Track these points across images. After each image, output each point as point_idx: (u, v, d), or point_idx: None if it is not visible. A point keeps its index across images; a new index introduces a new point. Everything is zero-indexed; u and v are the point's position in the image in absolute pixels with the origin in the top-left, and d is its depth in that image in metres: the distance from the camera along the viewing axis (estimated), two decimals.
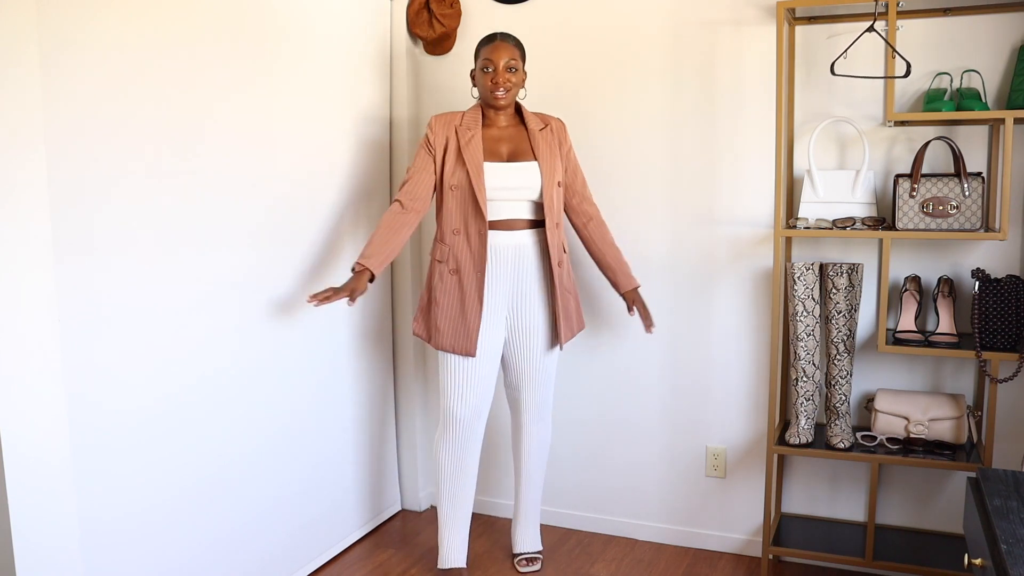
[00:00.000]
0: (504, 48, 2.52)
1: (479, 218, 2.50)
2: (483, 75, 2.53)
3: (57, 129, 1.90)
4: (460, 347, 2.55)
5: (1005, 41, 2.51)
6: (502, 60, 2.51)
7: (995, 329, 2.43)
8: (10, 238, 1.78)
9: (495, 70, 2.51)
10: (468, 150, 2.51)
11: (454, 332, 2.54)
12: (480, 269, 2.52)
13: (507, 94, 2.53)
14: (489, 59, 2.52)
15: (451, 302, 2.55)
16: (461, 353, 2.55)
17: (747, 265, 2.84)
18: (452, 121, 2.56)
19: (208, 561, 2.38)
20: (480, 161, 2.50)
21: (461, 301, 2.54)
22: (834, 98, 2.69)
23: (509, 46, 2.53)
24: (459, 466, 2.67)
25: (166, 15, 2.16)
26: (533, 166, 2.55)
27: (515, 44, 2.56)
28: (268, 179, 2.54)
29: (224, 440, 2.42)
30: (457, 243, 2.53)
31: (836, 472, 2.84)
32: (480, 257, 2.51)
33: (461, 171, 2.51)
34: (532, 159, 2.56)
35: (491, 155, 2.55)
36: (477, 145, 2.52)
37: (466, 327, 2.53)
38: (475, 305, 2.52)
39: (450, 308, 2.55)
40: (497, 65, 2.51)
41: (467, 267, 2.52)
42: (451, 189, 2.52)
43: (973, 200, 2.43)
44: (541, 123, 2.62)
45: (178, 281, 2.24)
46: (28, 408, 1.84)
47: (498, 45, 2.52)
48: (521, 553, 2.86)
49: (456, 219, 2.53)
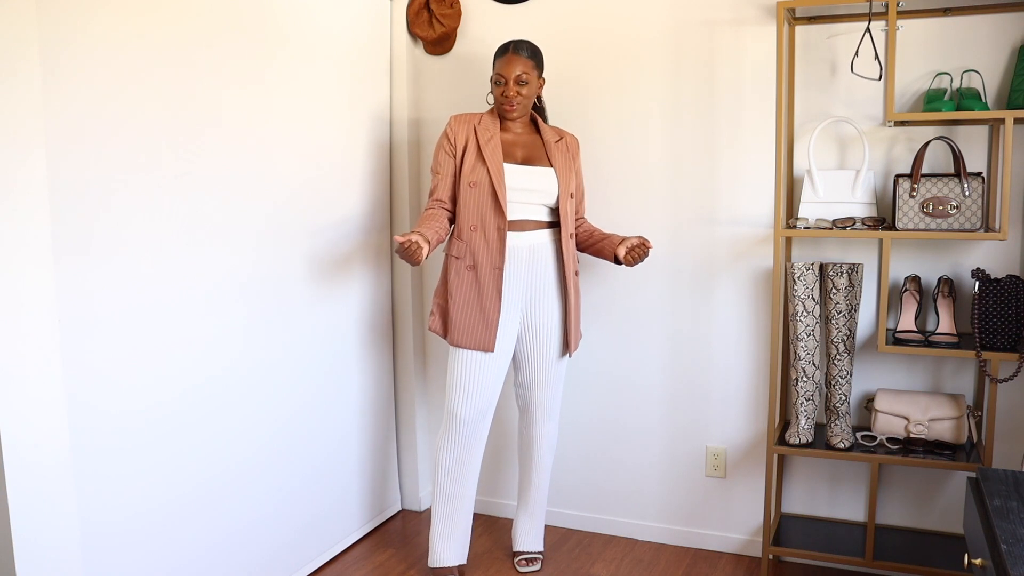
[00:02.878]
0: (516, 61, 2.52)
1: (498, 215, 2.52)
2: (496, 87, 2.56)
3: (57, 129, 1.90)
4: (478, 342, 2.55)
5: (1005, 41, 2.51)
6: (513, 73, 2.51)
7: (995, 329, 2.43)
8: (10, 238, 1.78)
9: (506, 83, 2.52)
10: (488, 148, 2.53)
11: (472, 328, 2.55)
12: (499, 265, 2.53)
13: (517, 108, 2.55)
14: (501, 73, 2.53)
15: (468, 298, 2.56)
16: (479, 348, 2.55)
17: (747, 265, 2.84)
18: (471, 121, 2.60)
19: (209, 561, 2.38)
20: (500, 160, 2.53)
21: (479, 297, 2.55)
22: (834, 98, 2.69)
23: (522, 58, 2.53)
24: (460, 466, 2.67)
25: (166, 15, 2.16)
26: (550, 172, 2.58)
27: (529, 55, 2.55)
28: (268, 179, 2.54)
29: (224, 441, 2.42)
30: (474, 239, 2.54)
31: (836, 472, 2.84)
32: (499, 253, 2.53)
33: (481, 169, 2.53)
34: (548, 165, 2.59)
35: (507, 157, 2.58)
36: (497, 145, 2.55)
37: (485, 322, 2.55)
38: (494, 301, 2.54)
39: (467, 304, 2.56)
40: (508, 79, 2.52)
41: (485, 263, 2.54)
42: (470, 186, 2.53)
43: (973, 200, 2.43)
44: (556, 135, 2.66)
45: (178, 282, 2.24)
46: (28, 409, 1.84)
47: (510, 58, 2.53)
48: (521, 552, 2.86)
49: (474, 216, 2.54)
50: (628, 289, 2.99)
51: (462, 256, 2.57)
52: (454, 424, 2.63)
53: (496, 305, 2.54)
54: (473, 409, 2.61)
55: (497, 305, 2.54)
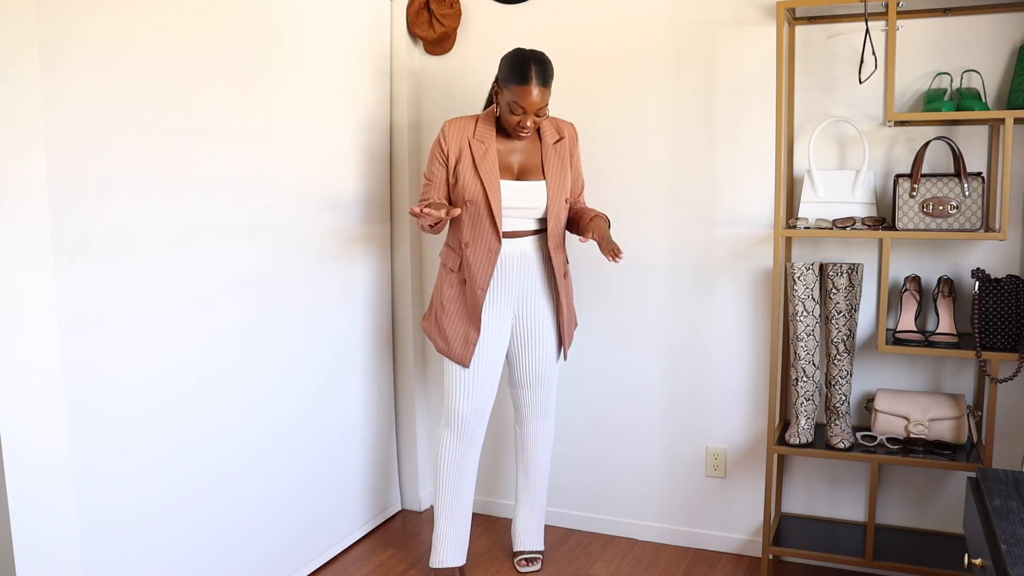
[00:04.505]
0: (538, 95, 2.40)
1: (493, 236, 2.52)
2: (509, 112, 2.44)
3: (57, 130, 1.90)
4: (457, 356, 2.59)
5: (1005, 41, 2.51)
6: (534, 108, 2.42)
7: (995, 329, 2.43)
8: (10, 239, 1.78)
9: (524, 114, 2.43)
10: (484, 165, 2.50)
11: (454, 340, 2.59)
12: (484, 287, 2.54)
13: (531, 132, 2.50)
14: (520, 104, 2.41)
15: (457, 311, 2.59)
16: (457, 362, 2.60)
17: (747, 265, 2.84)
18: (465, 131, 2.52)
19: (209, 561, 2.38)
20: (497, 178, 2.50)
21: (465, 313, 2.58)
22: (834, 98, 2.69)
23: (543, 91, 2.41)
24: (460, 466, 2.68)
25: (166, 16, 2.16)
26: (540, 186, 2.57)
27: (547, 83, 2.43)
28: (268, 180, 2.54)
29: (224, 441, 2.42)
30: (467, 256, 2.55)
31: (836, 472, 2.84)
32: (485, 276, 2.54)
33: (477, 187, 2.50)
34: (541, 178, 2.57)
35: (502, 170, 2.55)
36: (493, 160, 2.51)
37: (465, 339, 2.58)
38: (476, 320, 2.56)
39: (456, 316, 2.59)
40: (528, 111, 2.42)
41: (474, 281, 2.55)
42: (466, 204, 2.53)
43: (973, 200, 2.43)
44: (556, 135, 2.60)
45: (178, 282, 2.24)
46: (28, 409, 1.84)
47: (530, 90, 2.39)
48: (521, 552, 2.86)
49: (467, 232, 2.55)
50: (628, 289, 2.99)
51: (456, 269, 2.60)
52: (454, 422, 2.64)
53: (477, 325, 2.56)
54: (471, 409, 2.62)
55: (478, 325, 2.56)
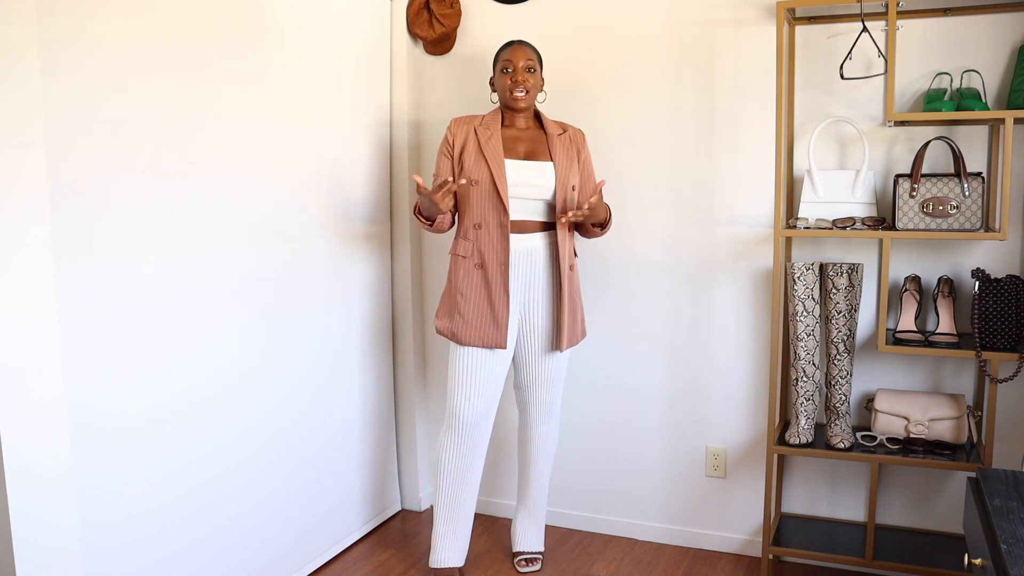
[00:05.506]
0: (522, 50, 2.59)
1: (501, 212, 2.54)
2: (502, 76, 2.59)
3: (57, 129, 1.90)
4: (490, 340, 2.56)
5: (1005, 41, 2.51)
6: (521, 60, 2.57)
7: (995, 329, 2.43)
8: (10, 239, 1.78)
9: (514, 70, 2.56)
10: (489, 146, 2.56)
11: (483, 326, 2.56)
12: (504, 262, 2.54)
13: (526, 95, 2.58)
14: (508, 59, 2.57)
15: (478, 297, 2.57)
16: (491, 346, 2.56)
17: (747, 265, 2.84)
18: (471, 122, 2.62)
19: (209, 561, 2.38)
20: (501, 156, 2.55)
21: (488, 295, 2.56)
22: (834, 98, 2.69)
23: (527, 48, 2.60)
24: (462, 469, 2.67)
25: (166, 15, 2.16)
26: (548, 166, 2.59)
27: (533, 48, 2.62)
28: (268, 179, 2.54)
29: (224, 441, 2.42)
30: (480, 237, 2.56)
31: (836, 472, 2.84)
32: (503, 250, 2.54)
33: (482, 166, 2.54)
34: (548, 159, 2.60)
35: (508, 153, 2.59)
36: (497, 142, 2.57)
37: (495, 320, 2.55)
38: (503, 298, 2.55)
39: (478, 302, 2.57)
40: (516, 65, 2.56)
41: (491, 261, 2.55)
42: (472, 183, 2.54)
43: (973, 200, 2.43)
44: (560, 129, 2.66)
45: (178, 282, 2.24)
46: (28, 409, 1.84)
47: (516, 47, 2.59)
48: (521, 552, 2.86)
49: (476, 213, 2.56)
50: (628, 289, 2.99)
51: (469, 255, 2.58)
52: (455, 425, 2.62)
53: (505, 302, 2.55)
54: (474, 411, 2.61)
55: (506, 302, 2.55)
